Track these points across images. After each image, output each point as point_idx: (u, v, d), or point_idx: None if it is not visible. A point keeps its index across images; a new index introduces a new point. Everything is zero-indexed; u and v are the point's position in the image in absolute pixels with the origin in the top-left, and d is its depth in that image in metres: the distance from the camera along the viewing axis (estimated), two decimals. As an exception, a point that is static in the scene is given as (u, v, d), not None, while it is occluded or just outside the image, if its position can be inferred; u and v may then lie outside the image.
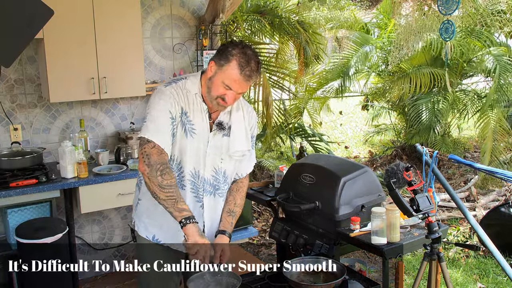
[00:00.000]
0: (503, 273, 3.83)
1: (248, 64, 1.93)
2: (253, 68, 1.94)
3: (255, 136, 2.27)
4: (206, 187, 2.10)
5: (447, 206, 5.48)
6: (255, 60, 1.96)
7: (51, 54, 3.34)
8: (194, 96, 2.04)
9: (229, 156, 2.13)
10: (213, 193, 2.13)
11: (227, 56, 1.94)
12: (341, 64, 7.16)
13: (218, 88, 1.96)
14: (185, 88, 2.03)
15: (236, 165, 2.19)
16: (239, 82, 1.94)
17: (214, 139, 2.08)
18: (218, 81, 1.96)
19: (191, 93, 2.03)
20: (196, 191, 2.09)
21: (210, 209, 2.13)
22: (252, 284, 2.04)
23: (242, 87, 1.96)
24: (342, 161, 2.87)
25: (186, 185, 2.07)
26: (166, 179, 1.91)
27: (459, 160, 3.57)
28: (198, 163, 2.07)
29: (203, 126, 2.05)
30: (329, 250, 2.40)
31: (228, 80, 1.94)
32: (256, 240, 4.89)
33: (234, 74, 1.93)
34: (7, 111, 3.61)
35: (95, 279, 3.99)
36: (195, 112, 2.03)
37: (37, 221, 3.32)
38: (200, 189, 2.09)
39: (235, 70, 1.92)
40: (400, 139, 7.77)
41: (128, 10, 3.59)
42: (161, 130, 1.96)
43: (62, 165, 3.36)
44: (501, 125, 5.75)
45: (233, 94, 1.97)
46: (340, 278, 1.93)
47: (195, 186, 2.08)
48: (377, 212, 2.22)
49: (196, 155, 2.06)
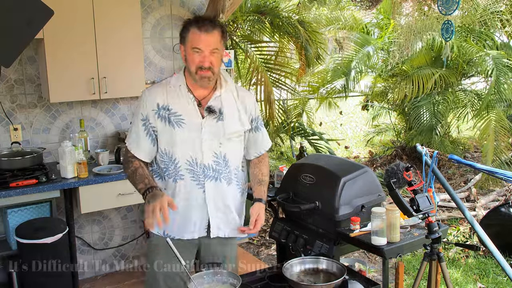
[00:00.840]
0: (503, 273, 3.83)
1: (203, 21, 2.01)
2: (210, 23, 2.01)
3: (259, 116, 2.29)
4: (208, 173, 2.12)
5: (447, 206, 5.48)
6: (209, 18, 2.05)
7: (51, 54, 3.34)
8: (178, 88, 2.11)
9: (227, 139, 2.15)
10: (217, 177, 2.14)
11: (185, 30, 2.04)
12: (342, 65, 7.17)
13: (192, 58, 2.02)
14: (168, 84, 2.13)
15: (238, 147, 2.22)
16: (205, 38, 1.99)
17: (207, 125, 2.10)
18: (189, 53, 2.03)
19: (175, 86, 2.11)
20: (197, 178, 2.12)
21: (214, 194, 2.15)
22: (252, 284, 2.04)
23: (209, 42, 2.00)
24: (342, 161, 2.87)
25: (184, 174, 2.11)
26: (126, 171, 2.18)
27: (459, 160, 3.57)
28: (195, 151, 2.10)
29: (192, 115, 2.09)
30: (329, 250, 2.40)
31: (193, 42, 2.00)
32: (256, 240, 4.90)
33: (194, 34, 1.99)
34: (7, 111, 3.61)
35: (95, 279, 3.99)
36: (181, 103, 2.09)
37: (37, 221, 3.32)
38: (200, 176, 2.12)
39: (194, 31, 2.00)
40: (400, 139, 7.77)
41: (128, 10, 3.59)
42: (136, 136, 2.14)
43: (62, 165, 3.36)
44: (502, 125, 5.75)
45: (205, 54, 2.00)
46: (340, 278, 1.93)
47: (194, 174, 2.11)
48: (377, 212, 2.22)
49: (191, 144, 2.09)
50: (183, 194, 2.13)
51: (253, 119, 2.24)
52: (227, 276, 1.95)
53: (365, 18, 7.82)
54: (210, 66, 2.02)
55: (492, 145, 5.58)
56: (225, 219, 2.20)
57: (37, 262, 3.15)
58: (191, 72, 2.06)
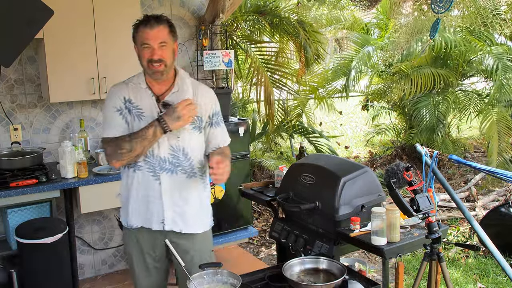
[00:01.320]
0: (503, 273, 3.83)
1: (149, 18, 2.08)
2: (155, 19, 2.08)
3: (220, 112, 2.31)
4: (164, 165, 2.17)
5: (447, 206, 5.48)
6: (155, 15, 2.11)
7: (51, 54, 3.34)
8: (139, 85, 2.19)
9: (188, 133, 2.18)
10: (174, 170, 2.18)
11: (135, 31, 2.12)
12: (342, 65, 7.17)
13: (143, 54, 2.10)
14: (131, 82, 2.22)
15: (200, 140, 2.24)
16: (151, 33, 2.06)
17: None
18: (140, 49, 2.11)
19: (136, 83, 2.20)
20: (152, 170, 2.17)
21: (170, 186, 2.19)
22: (252, 284, 2.04)
23: (156, 36, 2.07)
24: (342, 161, 2.87)
25: (142, 165, 2.18)
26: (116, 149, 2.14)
27: (459, 160, 3.57)
28: None
29: (151, 109, 2.15)
30: (329, 250, 2.40)
31: (142, 39, 2.08)
32: (256, 240, 4.90)
33: (142, 32, 2.07)
34: (7, 111, 3.61)
35: (95, 279, 3.99)
36: (142, 98, 2.17)
37: (37, 221, 3.32)
38: (156, 168, 2.17)
39: (142, 29, 2.08)
40: (400, 139, 7.77)
41: (128, 10, 3.59)
42: (112, 123, 2.18)
43: (62, 165, 3.36)
44: (505, 124, 5.74)
45: (154, 48, 2.07)
46: (340, 278, 1.93)
47: (151, 166, 2.17)
48: (377, 212, 2.22)
49: None
50: (141, 185, 2.20)
51: (213, 114, 2.26)
52: (227, 276, 1.95)
53: (365, 18, 7.83)
54: (160, 58, 2.08)
55: (496, 145, 5.58)
56: (181, 213, 2.22)
57: (37, 262, 3.15)
58: (144, 68, 2.15)
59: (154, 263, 2.29)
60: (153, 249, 2.26)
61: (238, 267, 3.88)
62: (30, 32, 2.13)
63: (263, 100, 4.99)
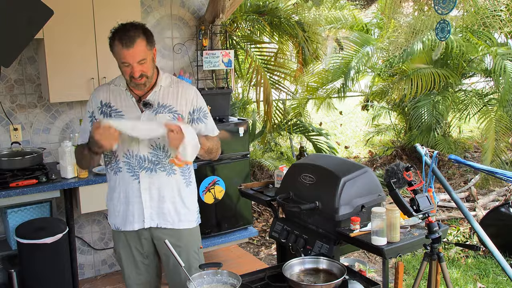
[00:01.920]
0: (503, 273, 3.83)
1: (125, 33, 2.03)
2: (132, 34, 2.03)
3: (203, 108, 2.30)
4: (143, 164, 2.19)
5: (447, 206, 5.48)
6: (132, 25, 2.06)
7: (51, 54, 3.34)
8: (120, 88, 2.22)
9: None
10: (153, 168, 2.20)
11: (111, 42, 2.08)
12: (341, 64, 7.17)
13: (124, 70, 2.10)
14: (112, 83, 2.26)
15: None
16: (128, 53, 2.03)
17: (146, 118, 2.17)
18: (119, 65, 2.11)
19: (117, 86, 2.23)
20: (132, 170, 2.20)
21: (149, 184, 2.21)
22: (252, 284, 2.04)
23: (134, 55, 2.04)
24: (342, 161, 2.87)
25: (122, 167, 2.22)
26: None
27: (459, 160, 3.57)
28: (132, 145, 2.18)
29: (132, 110, 2.18)
30: (329, 250, 2.40)
31: (120, 58, 2.06)
32: (256, 240, 4.90)
33: (119, 50, 2.04)
34: (7, 111, 3.61)
35: (95, 279, 3.99)
36: (122, 100, 2.20)
37: (37, 221, 3.32)
38: (136, 167, 2.20)
39: (119, 46, 2.04)
40: (400, 139, 7.77)
41: (128, 10, 3.59)
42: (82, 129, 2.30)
43: (62, 165, 3.36)
44: (504, 124, 5.74)
45: (133, 66, 2.06)
46: (340, 278, 1.93)
47: (130, 166, 2.20)
48: (377, 212, 2.22)
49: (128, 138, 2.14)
50: (121, 186, 2.23)
51: (194, 110, 2.27)
52: (227, 276, 1.95)
53: (365, 18, 7.82)
54: (141, 74, 2.09)
55: (492, 145, 5.57)
56: (158, 210, 2.24)
57: (37, 262, 3.15)
58: (128, 81, 2.16)
59: (143, 259, 2.33)
60: (141, 245, 2.30)
61: (238, 267, 3.89)
62: (30, 32, 2.13)
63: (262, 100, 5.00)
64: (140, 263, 2.34)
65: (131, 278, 2.36)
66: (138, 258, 2.32)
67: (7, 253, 3.37)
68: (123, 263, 2.36)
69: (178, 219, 2.28)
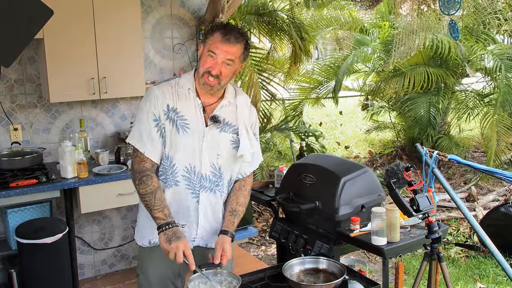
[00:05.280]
0: (503, 273, 3.83)
1: (230, 30, 1.95)
2: (236, 34, 1.96)
3: (257, 133, 2.21)
4: (204, 183, 2.07)
5: (447, 206, 5.48)
6: (237, 29, 1.99)
7: (51, 54, 3.34)
8: (187, 91, 2.03)
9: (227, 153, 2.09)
10: (213, 189, 2.09)
11: (210, 32, 1.98)
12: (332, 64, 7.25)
13: (204, 60, 1.96)
14: (177, 85, 2.04)
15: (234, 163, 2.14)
16: (223, 46, 1.93)
17: (210, 134, 2.04)
18: (204, 54, 1.97)
19: (184, 89, 2.04)
20: (192, 187, 2.06)
21: (208, 205, 2.10)
22: (252, 284, 2.04)
23: (227, 51, 1.94)
24: (342, 161, 2.87)
25: (180, 181, 2.05)
26: (142, 188, 1.98)
27: (459, 161, 3.56)
28: (194, 159, 2.04)
29: (197, 121, 2.02)
30: (329, 250, 2.40)
31: (212, 45, 1.94)
32: (256, 240, 4.90)
33: (216, 38, 1.94)
34: (7, 111, 3.61)
35: (95, 279, 3.99)
36: (189, 107, 2.02)
37: (37, 221, 3.32)
38: (196, 185, 2.06)
39: (217, 34, 1.94)
40: (400, 139, 7.77)
41: (128, 10, 3.59)
42: (144, 134, 2.00)
43: (62, 165, 3.36)
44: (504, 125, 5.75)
45: (217, 62, 1.94)
46: (340, 278, 1.93)
47: (190, 182, 2.05)
48: (377, 212, 2.22)
49: (192, 151, 2.03)
50: (175, 201, 2.07)
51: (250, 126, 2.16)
52: (227, 276, 1.95)
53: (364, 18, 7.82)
54: (217, 74, 1.95)
55: (495, 145, 5.57)
56: (210, 231, 2.14)
57: (37, 262, 3.15)
58: (199, 76, 1.99)
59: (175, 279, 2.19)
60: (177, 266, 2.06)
61: (238, 267, 3.88)
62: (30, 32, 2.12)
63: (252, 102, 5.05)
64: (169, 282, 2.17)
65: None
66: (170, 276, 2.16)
67: (7, 253, 3.37)
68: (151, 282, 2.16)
69: None
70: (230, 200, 2.16)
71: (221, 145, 2.07)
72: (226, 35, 1.93)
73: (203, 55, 1.97)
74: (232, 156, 2.10)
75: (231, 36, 1.93)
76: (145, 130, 2.00)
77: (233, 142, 2.09)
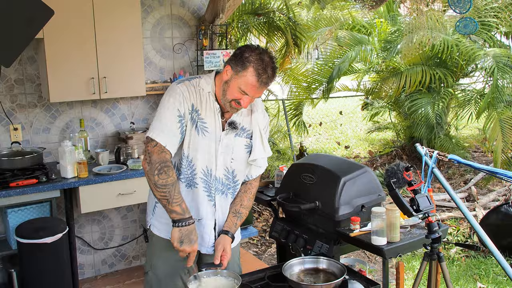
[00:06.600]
0: (503, 273, 3.83)
1: (265, 71, 1.93)
2: (270, 75, 1.95)
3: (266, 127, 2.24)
4: (218, 186, 2.11)
5: (447, 206, 5.48)
6: (272, 67, 1.96)
7: (51, 54, 3.34)
8: (207, 94, 2.04)
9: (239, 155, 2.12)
10: (225, 192, 2.14)
11: (244, 63, 1.94)
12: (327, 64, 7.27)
13: (234, 92, 1.97)
14: (198, 86, 2.04)
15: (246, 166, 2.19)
16: (256, 88, 1.95)
17: (226, 139, 2.07)
18: (234, 85, 1.96)
19: (205, 91, 2.04)
20: (208, 190, 2.09)
21: (221, 208, 2.15)
22: (252, 284, 2.04)
23: (258, 92, 1.98)
24: (342, 161, 2.86)
25: (198, 183, 2.08)
26: (162, 178, 1.91)
27: (459, 161, 3.56)
28: (211, 162, 2.07)
29: (215, 125, 2.04)
30: (329, 250, 2.40)
31: (245, 86, 1.94)
32: (256, 240, 4.90)
33: (251, 81, 1.93)
34: (7, 111, 3.61)
35: (95, 279, 3.99)
36: (208, 110, 2.03)
37: (37, 221, 3.32)
38: (212, 188, 2.10)
39: (252, 77, 1.93)
40: (400, 139, 7.77)
41: (128, 10, 3.59)
42: (166, 129, 1.97)
43: (62, 165, 3.36)
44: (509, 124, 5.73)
45: (248, 98, 1.98)
46: (340, 278, 1.93)
47: (207, 185, 2.09)
48: (377, 212, 2.22)
49: (209, 154, 2.06)
50: (194, 203, 2.09)
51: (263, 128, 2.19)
52: (227, 276, 1.95)
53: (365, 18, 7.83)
54: None
55: (501, 145, 5.56)
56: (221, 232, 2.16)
57: (37, 262, 3.15)
58: (225, 97, 2.00)
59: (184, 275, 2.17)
60: None
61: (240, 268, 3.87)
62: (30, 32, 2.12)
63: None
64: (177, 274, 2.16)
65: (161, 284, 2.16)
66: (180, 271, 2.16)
67: (7, 253, 3.37)
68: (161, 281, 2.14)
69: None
70: (234, 202, 2.20)
71: (236, 149, 2.11)
72: (261, 78, 1.93)
73: (233, 85, 1.96)
74: (245, 160, 2.15)
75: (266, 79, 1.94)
76: (167, 125, 1.97)
77: (247, 147, 2.14)
